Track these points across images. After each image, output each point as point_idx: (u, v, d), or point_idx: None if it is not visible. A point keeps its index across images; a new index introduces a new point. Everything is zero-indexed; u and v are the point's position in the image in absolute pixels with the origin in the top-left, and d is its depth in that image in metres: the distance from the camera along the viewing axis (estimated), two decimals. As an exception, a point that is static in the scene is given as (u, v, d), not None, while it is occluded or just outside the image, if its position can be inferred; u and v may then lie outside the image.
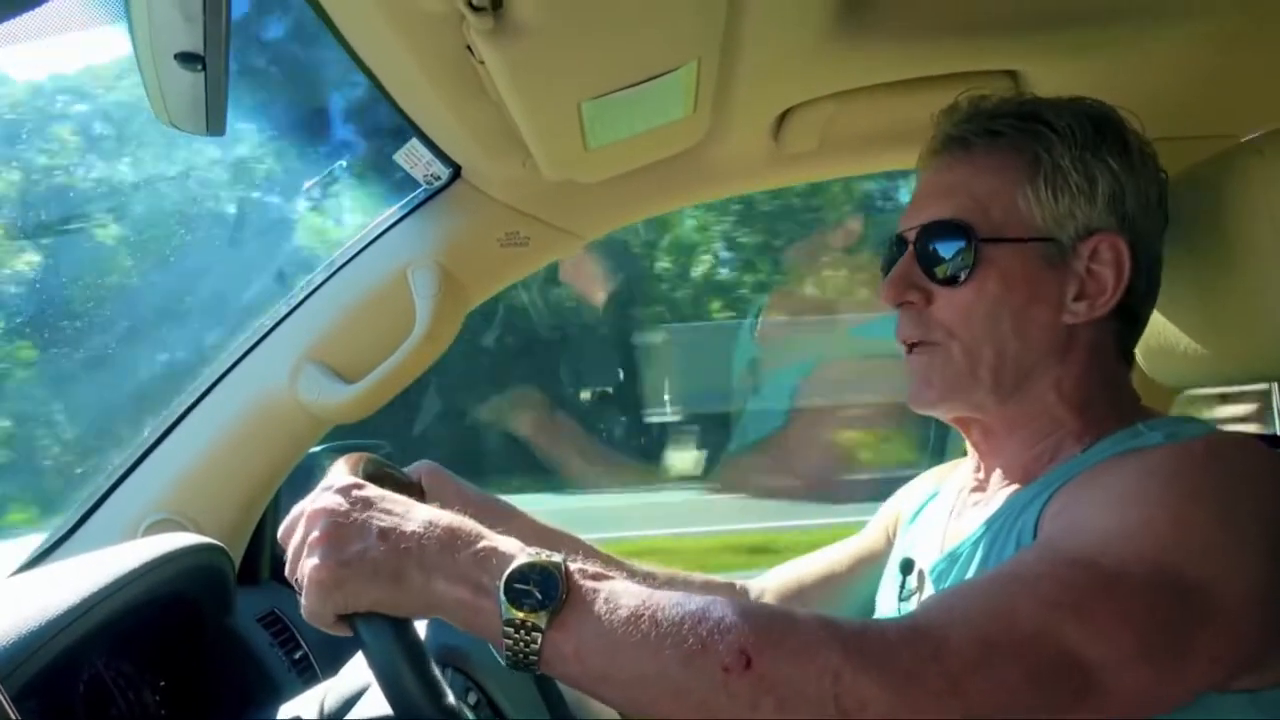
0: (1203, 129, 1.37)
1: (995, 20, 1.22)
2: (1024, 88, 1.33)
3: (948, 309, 1.02)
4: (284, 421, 1.54)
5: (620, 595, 0.77)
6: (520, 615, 0.75)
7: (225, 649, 1.35)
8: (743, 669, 0.72)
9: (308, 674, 1.45)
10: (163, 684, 1.24)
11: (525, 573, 0.76)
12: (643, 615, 0.74)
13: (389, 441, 2.03)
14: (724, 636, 0.73)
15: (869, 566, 1.29)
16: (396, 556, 0.79)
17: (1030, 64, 1.30)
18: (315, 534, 0.81)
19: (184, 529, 1.47)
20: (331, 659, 1.04)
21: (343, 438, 1.73)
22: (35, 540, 1.53)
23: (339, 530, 0.80)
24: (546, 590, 0.75)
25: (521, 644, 0.75)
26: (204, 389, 1.55)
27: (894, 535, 1.27)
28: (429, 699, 0.80)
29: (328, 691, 1.02)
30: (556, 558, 0.78)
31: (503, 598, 0.76)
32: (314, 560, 0.80)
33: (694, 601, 0.75)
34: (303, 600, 0.81)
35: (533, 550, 0.79)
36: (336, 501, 0.82)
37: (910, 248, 1.04)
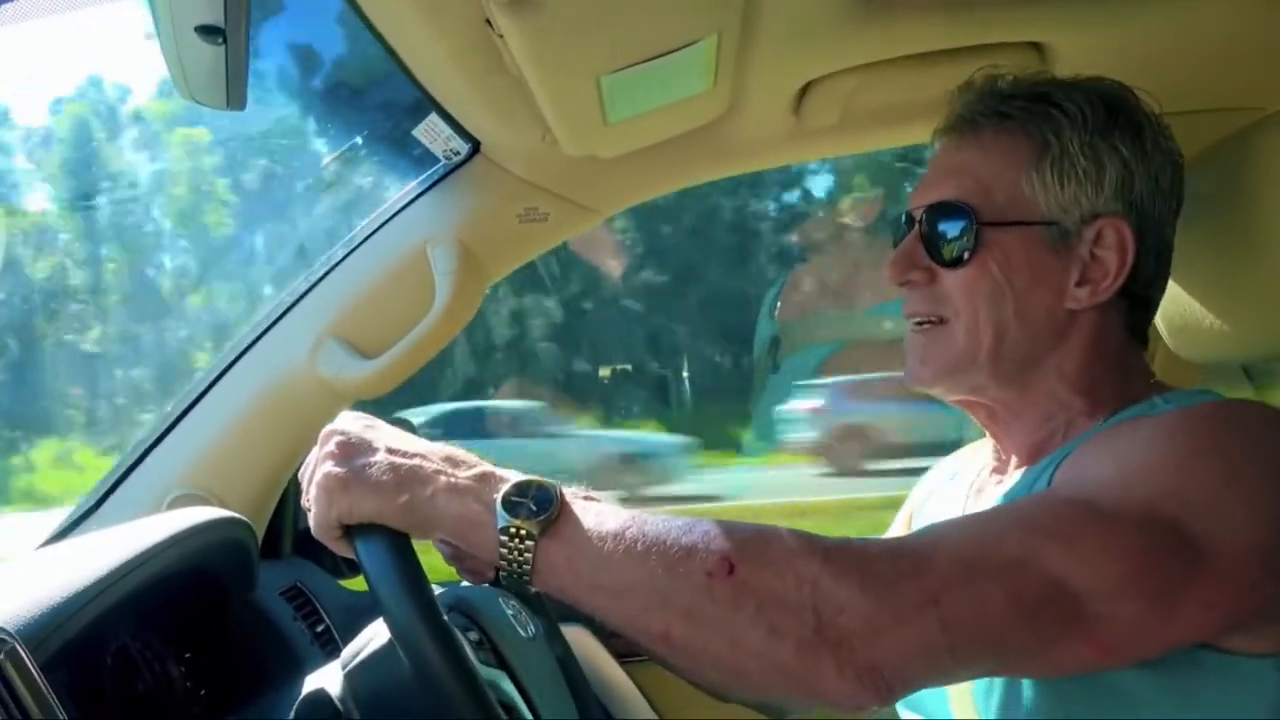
0: (1232, 101, 1.34)
1: None
2: (1049, 60, 1.31)
3: (953, 288, 1.02)
4: (305, 397, 1.55)
5: (609, 511, 0.82)
6: (515, 524, 0.79)
7: (248, 622, 1.37)
8: (725, 575, 0.75)
9: (330, 647, 1.46)
10: (187, 656, 1.25)
11: (522, 488, 0.82)
12: (631, 527, 0.79)
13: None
14: (708, 546, 0.77)
15: None
16: (400, 470, 0.84)
17: (1054, 35, 1.28)
18: (327, 448, 0.86)
19: (207, 503, 1.48)
20: (353, 632, 1.05)
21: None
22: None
23: (348, 445, 0.86)
24: (541, 502, 0.80)
25: (515, 553, 0.79)
26: (226, 364, 1.56)
27: (912, 526, 1.27)
28: (422, 615, 0.82)
29: (347, 657, 1.03)
30: (551, 480, 0.83)
31: (499, 508, 0.80)
32: (324, 469, 0.85)
33: (679, 519, 0.80)
34: (310, 513, 0.87)
35: (527, 473, 0.84)
36: (348, 424, 0.89)
37: (917, 226, 1.04)
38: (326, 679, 1.01)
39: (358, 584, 1.70)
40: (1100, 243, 0.99)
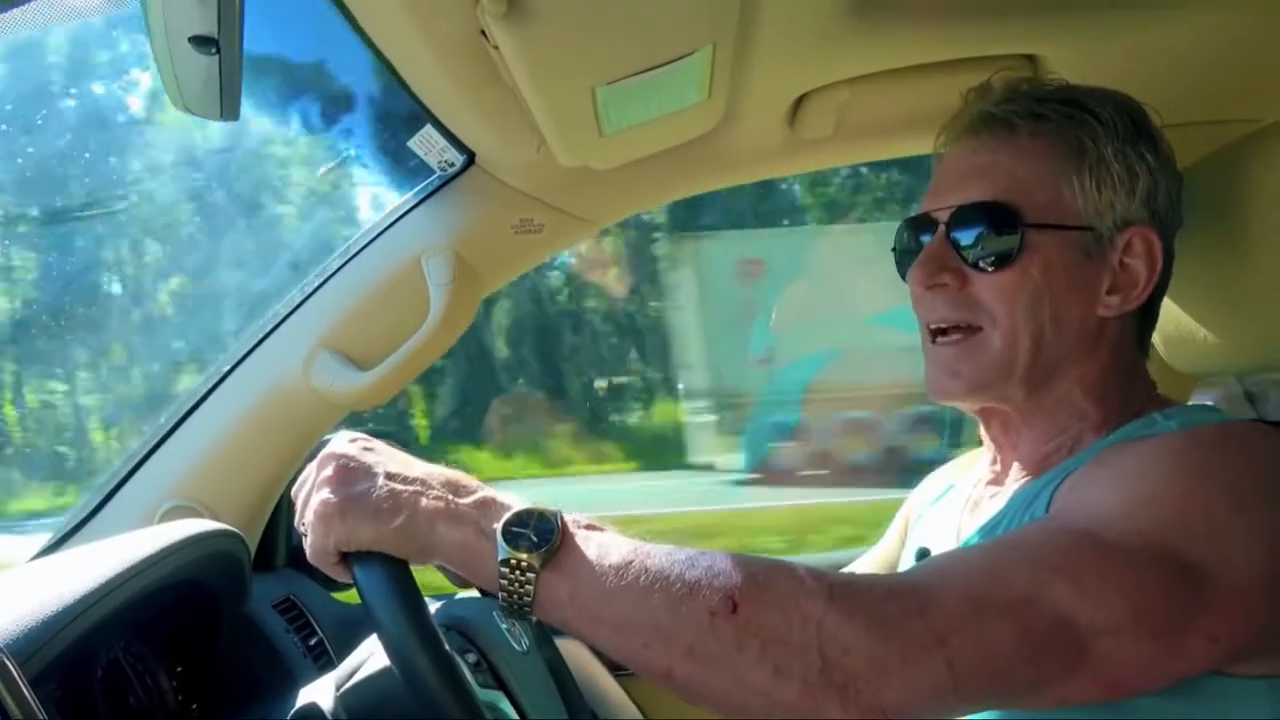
0: (1225, 113, 1.35)
1: (1013, 3, 1.20)
2: (1042, 72, 1.31)
3: (988, 292, 0.99)
4: (299, 408, 1.54)
5: (612, 543, 0.80)
6: (516, 556, 0.78)
7: (241, 635, 1.36)
8: (729, 614, 0.74)
9: (323, 660, 1.46)
10: (179, 669, 1.25)
11: (523, 518, 0.80)
12: (633, 561, 0.77)
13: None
14: (711, 583, 0.75)
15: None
16: (399, 496, 0.82)
17: (1049, 48, 1.28)
18: (325, 474, 0.85)
19: (200, 516, 1.47)
20: (346, 645, 1.05)
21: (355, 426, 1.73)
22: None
23: (347, 471, 0.84)
24: (542, 534, 0.79)
25: (517, 585, 0.78)
26: (219, 376, 1.55)
27: (907, 538, 1.27)
28: (423, 644, 0.81)
29: (342, 675, 1.02)
30: (553, 508, 0.81)
31: (500, 539, 0.79)
32: (321, 495, 0.84)
33: (684, 551, 0.78)
34: (307, 539, 0.85)
35: (530, 500, 0.82)
36: (346, 447, 0.87)
37: (942, 228, 1.01)
38: (319, 693, 1.00)
39: (350, 596, 1.70)
40: (1130, 251, 0.98)
